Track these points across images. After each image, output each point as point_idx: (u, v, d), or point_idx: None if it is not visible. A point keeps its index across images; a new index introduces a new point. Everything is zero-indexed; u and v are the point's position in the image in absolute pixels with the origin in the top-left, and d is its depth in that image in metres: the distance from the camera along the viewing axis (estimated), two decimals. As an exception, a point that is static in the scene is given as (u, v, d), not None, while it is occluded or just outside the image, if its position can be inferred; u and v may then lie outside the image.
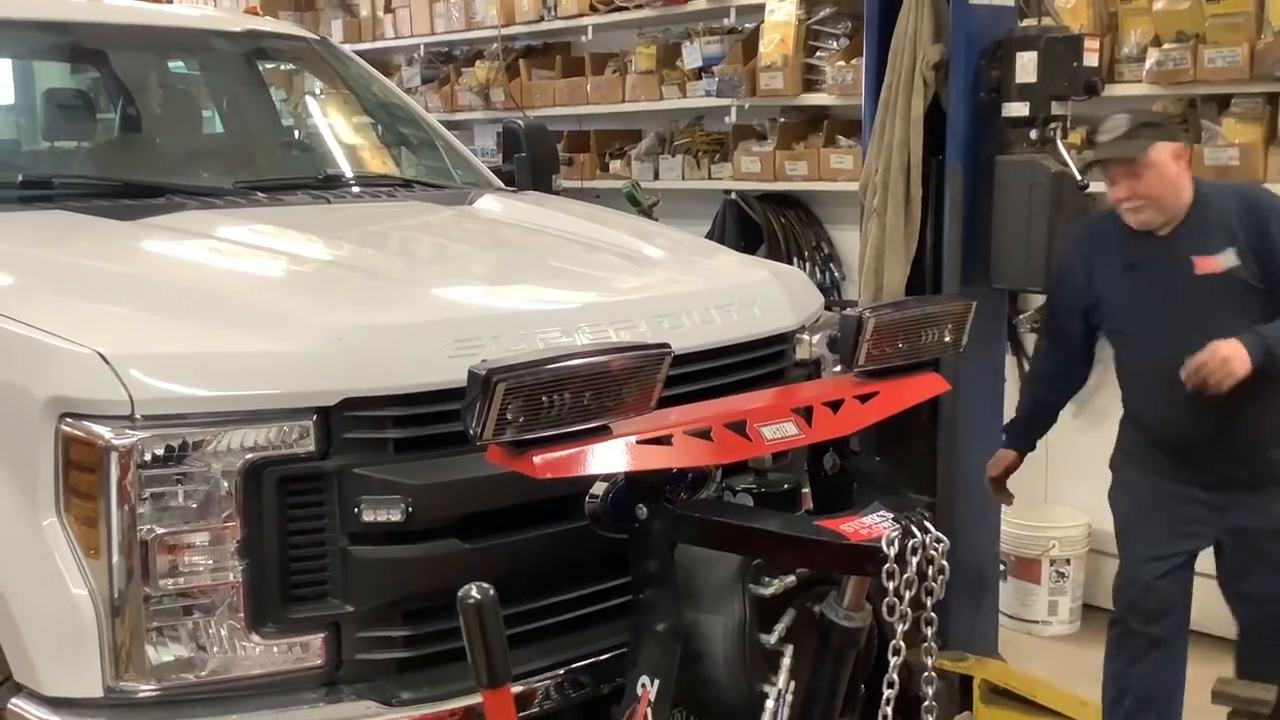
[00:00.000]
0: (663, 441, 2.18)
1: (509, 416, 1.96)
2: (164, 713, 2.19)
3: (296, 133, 4.22)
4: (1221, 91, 4.47)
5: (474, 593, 1.94)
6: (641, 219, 3.78)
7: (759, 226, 6.07)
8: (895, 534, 2.11)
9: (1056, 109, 3.75)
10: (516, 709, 2.36)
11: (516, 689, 2.35)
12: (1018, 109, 3.75)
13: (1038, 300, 5.08)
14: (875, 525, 2.17)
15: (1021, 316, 5.04)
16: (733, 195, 6.14)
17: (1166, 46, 4.48)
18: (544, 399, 2.00)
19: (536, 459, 2.02)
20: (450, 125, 7.74)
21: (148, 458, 2.13)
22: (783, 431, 2.36)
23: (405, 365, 2.27)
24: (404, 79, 7.97)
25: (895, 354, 2.62)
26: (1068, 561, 4.81)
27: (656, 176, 6.46)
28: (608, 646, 2.45)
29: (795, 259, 5.99)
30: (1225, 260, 3.20)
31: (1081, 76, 3.72)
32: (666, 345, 2.18)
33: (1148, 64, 4.51)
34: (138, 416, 2.13)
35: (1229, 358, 3.06)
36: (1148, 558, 3.38)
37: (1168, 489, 3.33)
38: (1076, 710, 3.70)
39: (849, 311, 2.56)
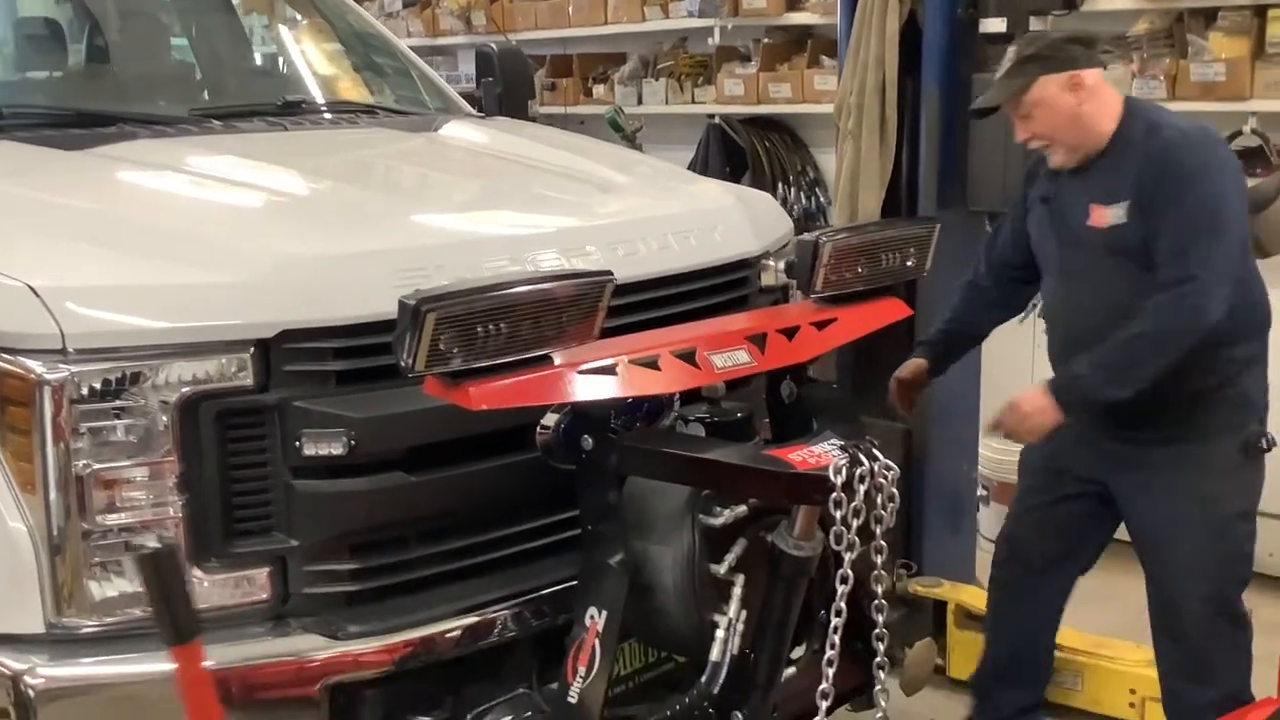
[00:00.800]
0: (606, 371, 2.14)
1: (441, 347, 1.92)
2: (107, 648, 2.17)
3: (260, 59, 4.12)
4: (1208, 4, 4.36)
5: (150, 543, 1.86)
6: (608, 144, 3.71)
7: (744, 152, 5.98)
8: (843, 462, 2.08)
9: (1035, 24, 3.65)
10: (472, 640, 2.35)
11: (470, 620, 2.35)
12: (995, 25, 3.66)
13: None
14: (824, 454, 2.13)
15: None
16: (716, 120, 6.04)
17: (1153, -42, 4.37)
18: (479, 329, 1.96)
19: (472, 390, 1.98)
20: (433, 50, 7.66)
21: (81, 392, 2.09)
22: (734, 359, 2.32)
23: (346, 296, 2.22)
24: (385, 3, 7.82)
25: (855, 279, 2.58)
26: (1050, 486, 4.78)
27: (640, 101, 6.36)
28: (564, 577, 2.42)
29: (780, 184, 5.91)
30: (1114, 215, 2.88)
31: (1060, -10, 3.62)
32: (609, 272, 2.13)
33: (1133, -23, 4.41)
34: (70, 350, 2.08)
35: (1029, 414, 2.85)
36: (1020, 492, 3.30)
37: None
38: (1050, 633, 3.70)
39: (806, 236, 2.51)
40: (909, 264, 2.66)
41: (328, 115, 3.51)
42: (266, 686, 2.20)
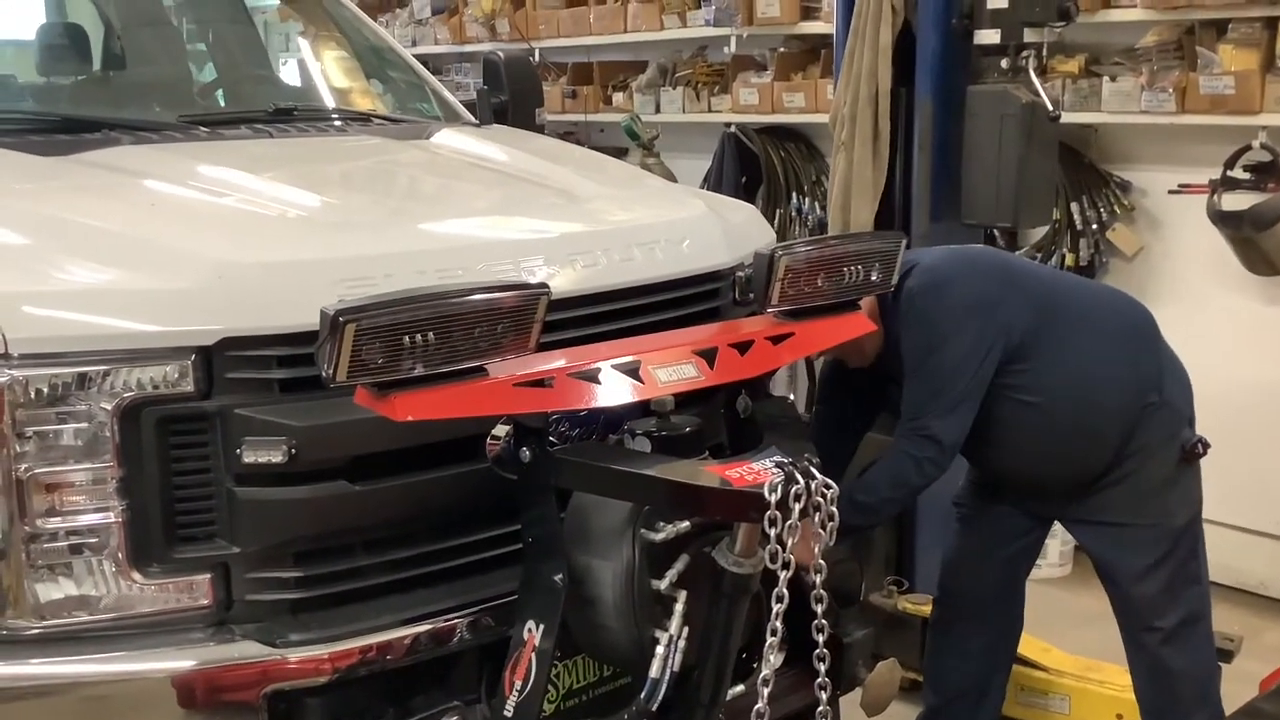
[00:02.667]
0: (542, 384, 2.12)
1: (365, 358, 1.92)
2: (51, 650, 2.18)
3: (261, 65, 4.15)
4: (1219, 16, 4.27)
5: None
6: (595, 154, 3.69)
7: (759, 161, 5.96)
8: (778, 480, 2.05)
9: (1030, 36, 3.60)
10: (415, 650, 2.33)
11: (414, 630, 2.33)
12: (990, 36, 3.62)
13: (1036, 235, 4.96)
14: (763, 470, 2.10)
15: (1019, 252, 4.92)
16: (732, 128, 6.02)
17: (1163, -31, 4.29)
18: (406, 340, 1.95)
19: (397, 401, 1.97)
20: (460, 57, 7.72)
21: (23, 397, 2.11)
22: (680, 374, 2.30)
23: (289, 304, 2.21)
24: (415, 10, 7.90)
25: (816, 293, 2.54)
26: (1057, 504, 4.71)
27: (658, 110, 6.36)
28: (513, 589, 2.41)
29: (794, 194, 5.89)
30: None
31: (1055, 2, 3.56)
32: (544, 285, 2.11)
33: (1143, -12, 4.34)
34: (13, 356, 2.10)
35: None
36: (956, 538, 3.32)
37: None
38: (1039, 655, 3.64)
39: (761, 249, 2.48)
40: (873, 278, 2.62)
41: (318, 123, 3.53)
42: (206, 692, 2.20)
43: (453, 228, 2.64)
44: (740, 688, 2.42)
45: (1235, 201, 4.29)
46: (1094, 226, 4.78)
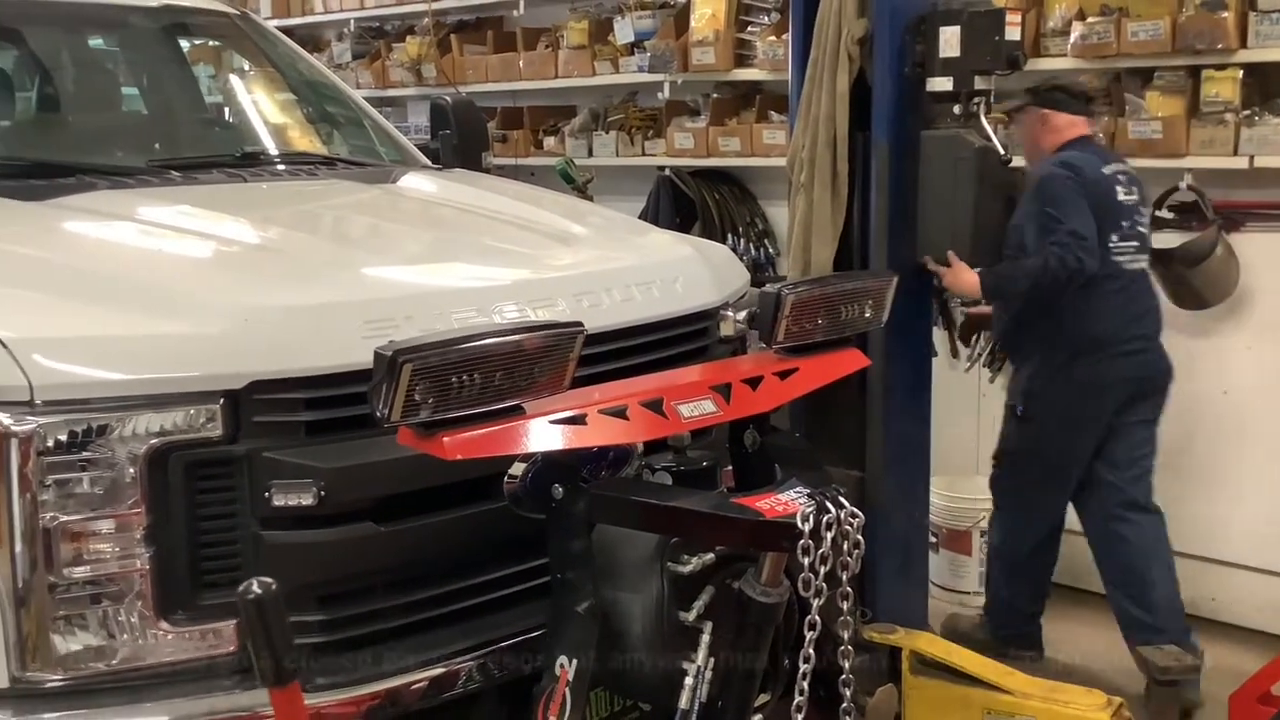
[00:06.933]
0: (577, 421, 2.16)
1: (417, 398, 1.94)
2: (73, 703, 2.14)
3: (216, 110, 4.13)
4: (1144, 65, 4.51)
5: (254, 588, 1.90)
6: (567, 196, 3.76)
7: (693, 203, 6.07)
8: (810, 510, 2.11)
9: (980, 83, 3.76)
10: (439, 690, 2.35)
11: (438, 670, 2.35)
12: (941, 84, 3.76)
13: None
14: (791, 501, 2.17)
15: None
16: (667, 171, 6.13)
17: (1090, 20, 4.52)
18: (454, 379, 1.98)
19: (446, 440, 2.00)
20: (383, 102, 7.69)
21: (49, 444, 2.07)
22: (700, 409, 2.35)
23: (315, 347, 2.23)
24: (334, 55, 7.87)
25: (816, 330, 2.63)
26: (998, 532, 4.85)
27: (590, 153, 6.43)
28: (531, 626, 2.43)
29: (729, 235, 6.00)
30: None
31: (1004, 51, 3.73)
32: (579, 324, 2.16)
33: (1072, 37, 4.56)
34: (38, 402, 2.07)
35: (965, 281, 3.94)
36: None
37: None
38: (1003, 679, 3.74)
39: (768, 288, 2.56)
40: (867, 316, 2.72)
41: (286, 167, 3.53)
42: (235, 741, 2.18)
43: (459, 270, 2.67)
44: (758, 717, 2.47)
45: (1164, 240, 4.51)
46: (1026, 265, 4.96)
